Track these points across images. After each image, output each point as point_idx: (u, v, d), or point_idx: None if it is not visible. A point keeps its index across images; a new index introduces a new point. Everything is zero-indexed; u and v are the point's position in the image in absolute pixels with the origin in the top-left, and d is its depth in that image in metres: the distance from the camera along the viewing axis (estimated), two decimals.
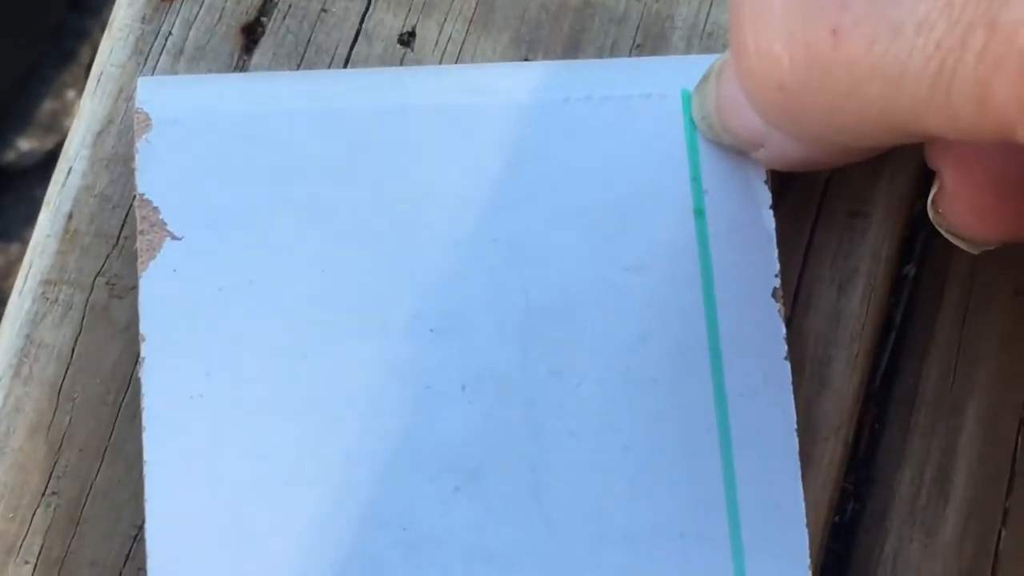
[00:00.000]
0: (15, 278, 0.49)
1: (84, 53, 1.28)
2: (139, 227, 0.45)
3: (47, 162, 1.17)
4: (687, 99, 0.47)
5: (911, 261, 0.50)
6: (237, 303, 0.45)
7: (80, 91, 0.48)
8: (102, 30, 0.50)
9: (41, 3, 1.23)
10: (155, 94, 0.47)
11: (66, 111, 1.27)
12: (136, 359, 0.46)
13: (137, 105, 0.46)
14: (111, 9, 0.51)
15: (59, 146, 0.47)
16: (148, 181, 0.46)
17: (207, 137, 0.46)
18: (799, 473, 0.45)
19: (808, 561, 0.45)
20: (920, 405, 0.49)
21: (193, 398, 0.45)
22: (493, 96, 0.47)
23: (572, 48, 0.50)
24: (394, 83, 0.48)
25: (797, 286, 0.49)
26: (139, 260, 0.45)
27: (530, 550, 0.45)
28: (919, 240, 0.50)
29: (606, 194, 0.46)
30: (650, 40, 0.50)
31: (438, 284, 0.46)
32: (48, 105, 1.26)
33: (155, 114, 0.46)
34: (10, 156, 1.23)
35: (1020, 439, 0.48)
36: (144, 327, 0.45)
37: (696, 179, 0.46)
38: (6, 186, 1.21)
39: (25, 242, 0.47)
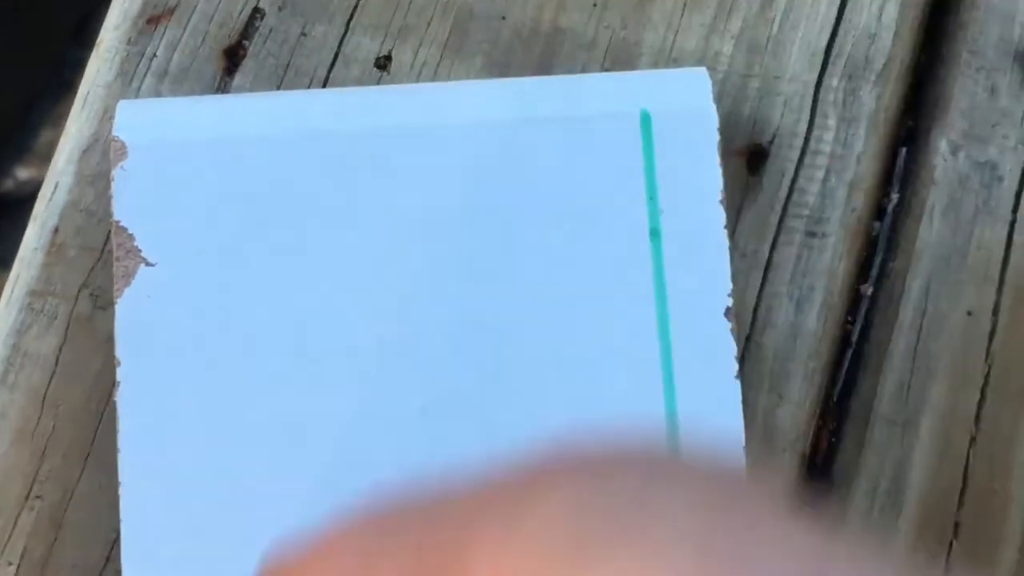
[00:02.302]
0: None
1: None
2: (115, 254, 0.47)
3: None
4: (646, 119, 0.48)
5: (867, 281, 0.51)
6: (208, 327, 0.47)
7: None
8: None
9: (41, 35, 1.24)
10: (132, 120, 0.48)
11: None
12: None
13: (114, 132, 0.48)
14: None
15: None
16: (124, 208, 0.47)
17: (181, 163, 0.48)
18: None
19: None
20: (875, 420, 0.50)
21: (166, 420, 0.46)
22: (458, 116, 0.48)
23: (543, 72, 0.52)
24: (364, 104, 0.49)
25: (756, 303, 0.50)
26: (115, 286, 0.47)
27: None
28: (876, 261, 0.52)
29: (564, 214, 0.48)
30: (618, 65, 0.52)
31: (399, 305, 0.47)
32: (47, 135, 1.26)
33: (131, 141, 0.48)
34: (8, 185, 1.24)
35: (971, 454, 0.50)
36: (119, 352, 0.46)
37: (653, 199, 0.48)
38: (4, 214, 1.22)
39: None
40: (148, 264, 0.47)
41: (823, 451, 0.50)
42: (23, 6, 1.22)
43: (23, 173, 1.26)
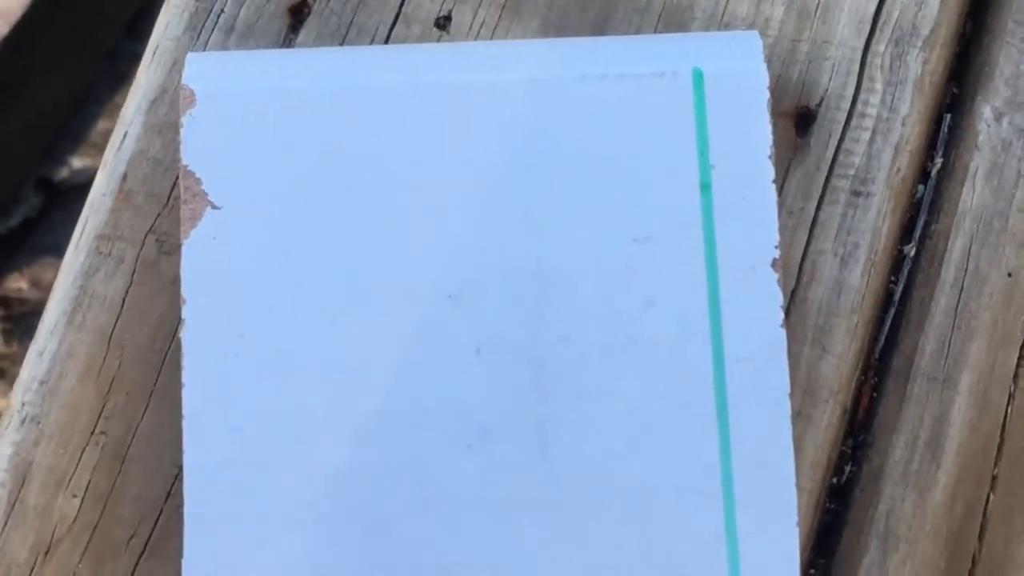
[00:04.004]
0: None
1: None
2: (182, 196, 0.48)
3: None
4: (698, 77, 0.49)
5: (910, 241, 0.52)
6: (271, 269, 0.48)
7: None
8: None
9: (96, 28, 1.26)
10: (201, 70, 0.50)
11: None
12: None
13: (183, 81, 0.49)
14: None
15: None
16: (192, 153, 0.49)
17: (248, 113, 0.49)
18: (790, 436, 0.48)
19: (796, 518, 0.47)
20: (916, 376, 0.51)
21: (228, 357, 0.48)
22: (514, 73, 0.50)
23: (597, 35, 0.53)
24: (424, 60, 0.50)
25: (802, 258, 0.51)
26: (182, 227, 0.48)
27: (535, 503, 0.47)
28: (919, 222, 0.53)
29: (617, 167, 0.49)
30: (670, 29, 0.53)
31: (456, 252, 0.48)
32: (101, 125, 1.28)
33: (200, 90, 0.49)
34: (63, 173, 1.26)
35: (1010, 410, 0.51)
36: (185, 290, 0.48)
37: (704, 154, 0.49)
38: (58, 202, 1.24)
39: None
40: (214, 207, 0.48)
41: (864, 405, 0.51)
42: (79, 1, 1.24)
43: (77, 162, 1.28)
